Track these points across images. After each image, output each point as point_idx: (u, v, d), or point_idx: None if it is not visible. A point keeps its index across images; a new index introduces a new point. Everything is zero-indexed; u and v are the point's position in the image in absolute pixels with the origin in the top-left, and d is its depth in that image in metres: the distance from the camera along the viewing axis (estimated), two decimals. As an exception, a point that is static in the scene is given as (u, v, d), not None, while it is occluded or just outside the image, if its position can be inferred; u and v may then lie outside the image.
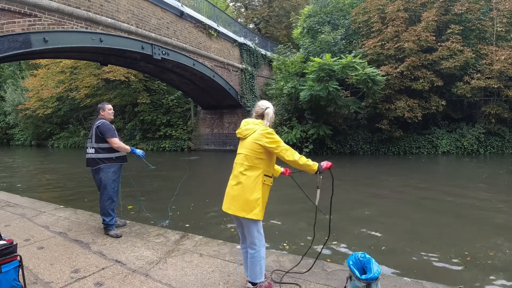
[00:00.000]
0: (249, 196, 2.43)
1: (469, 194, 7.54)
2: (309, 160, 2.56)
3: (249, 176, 2.46)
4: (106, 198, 4.02)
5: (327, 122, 15.88)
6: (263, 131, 2.48)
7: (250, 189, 2.44)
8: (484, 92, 15.56)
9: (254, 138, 2.48)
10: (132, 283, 2.83)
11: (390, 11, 15.51)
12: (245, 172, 2.47)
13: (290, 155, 2.46)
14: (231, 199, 2.51)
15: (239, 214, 2.46)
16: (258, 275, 2.54)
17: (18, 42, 7.34)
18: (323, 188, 2.77)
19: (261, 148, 2.46)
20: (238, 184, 2.48)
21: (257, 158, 2.47)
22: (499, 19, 14.69)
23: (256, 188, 2.44)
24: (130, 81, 21.88)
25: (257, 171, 2.47)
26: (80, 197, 7.96)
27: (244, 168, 2.48)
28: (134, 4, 10.61)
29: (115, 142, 3.99)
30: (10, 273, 2.51)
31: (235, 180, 2.53)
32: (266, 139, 2.44)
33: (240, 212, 2.45)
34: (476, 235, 5.01)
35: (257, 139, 2.47)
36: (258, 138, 2.46)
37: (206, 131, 20.96)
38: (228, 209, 2.53)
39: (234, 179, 2.55)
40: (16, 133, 34.70)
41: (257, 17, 32.20)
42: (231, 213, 2.50)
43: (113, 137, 3.99)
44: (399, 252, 4.40)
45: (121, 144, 4.07)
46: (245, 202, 2.43)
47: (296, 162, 2.49)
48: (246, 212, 2.43)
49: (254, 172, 2.46)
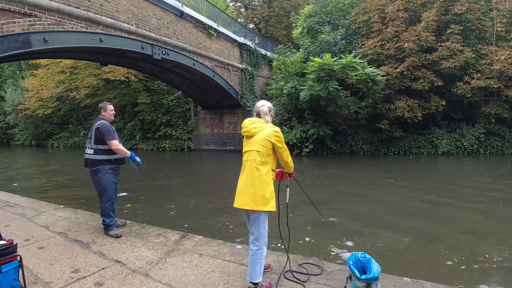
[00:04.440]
0: (266, 190, 2.54)
1: (469, 194, 7.54)
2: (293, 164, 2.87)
3: (263, 171, 2.58)
4: (107, 199, 4.01)
5: (327, 122, 15.88)
6: (274, 129, 2.65)
7: (265, 183, 2.56)
8: (484, 92, 15.55)
9: (266, 135, 2.62)
10: (132, 283, 2.83)
11: (390, 11, 15.51)
12: (259, 168, 2.58)
13: (287, 155, 2.73)
14: (247, 195, 2.56)
15: (258, 209, 2.53)
16: (257, 274, 2.57)
17: (18, 42, 7.34)
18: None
19: (271, 144, 2.62)
20: (254, 180, 2.56)
21: (268, 154, 2.62)
22: (499, 19, 14.68)
23: (270, 182, 2.60)
24: (130, 81, 21.88)
25: (268, 166, 2.62)
26: (80, 197, 7.96)
27: (257, 164, 2.59)
28: (134, 4, 10.61)
29: (115, 144, 3.93)
30: (10, 273, 2.51)
31: (250, 177, 2.59)
32: (275, 137, 2.62)
33: (258, 206, 2.53)
34: (476, 235, 5.01)
35: (269, 136, 2.61)
36: (270, 136, 2.61)
37: (206, 131, 20.96)
38: (244, 205, 2.57)
39: (248, 175, 2.61)
40: (16, 133, 34.68)
41: (257, 17, 32.20)
42: (249, 209, 2.55)
43: (113, 139, 3.93)
44: (399, 252, 4.40)
45: (121, 147, 4.00)
46: (262, 196, 2.53)
47: (288, 163, 2.77)
48: (264, 206, 2.53)
49: (266, 167, 2.61)
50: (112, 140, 3.92)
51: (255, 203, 2.53)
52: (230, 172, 11.52)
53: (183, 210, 6.70)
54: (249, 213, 2.63)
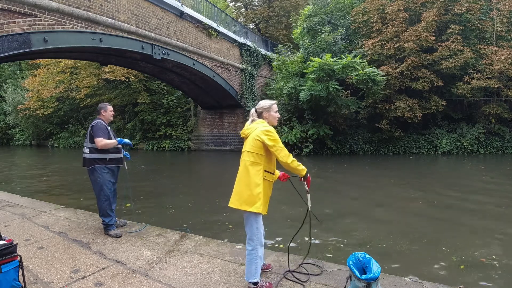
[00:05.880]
0: (252, 190, 2.54)
1: (469, 194, 7.54)
2: (300, 165, 2.64)
3: (251, 171, 2.58)
4: (104, 199, 4.01)
5: (327, 122, 15.88)
6: (263, 128, 2.62)
7: (252, 184, 2.55)
8: (484, 92, 15.55)
9: (255, 135, 2.62)
10: (132, 283, 2.83)
11: (390, 11, 15.51)
12: (248, 167, 2.59)
13: (284, 155, 2.55)
14: (235, 194, 2.63)
15: (242, 208, 2.56)
16: (253, 274, 2.59)
17: (18, 42, 7.33)
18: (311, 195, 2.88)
19: (261, 144, 2.58)
20: (242, 179, 2.61)
21: (258, 154, 2.60)
22: (499, 19, 14.68)
23: (258, 182, 2.56)
24: (130, 81, 21.88)
25: (258, 166, 2.59)
26: (80, 197, 7.96)
27: (247, 164, 2.60)
28: (134, 4, 10.61)
29: (98, 141, 3.85)
30: (10, 273, 2.51)
31: (239, 176, 2.65)
32: (265, 136, 2.56)
33: (243, 205, 2.55)
34: (477, 235, 5.01)
35: (257, 135, 2.60)
36: (259, 135, 2.59)
37: (206, 131, 20.96)
38: (231, 204, 2.63)
39: (239, 175, 2.66)
40: (16, 133, 34.68)
41: (257, 17, 32.20)
42: (235, 207, 2.59)
43: (98, 137, 3.86)
44: (399, 252, 4.40)
45: (105, 141, 3.89)
46: (248, 196, 2.54)
47: (288, 164, 2.57)
48: (248, 206, 2.53)
49: (255, 167, 2.59)
50: (97, 138, 3.87)
51: (240, 202, 2.56)
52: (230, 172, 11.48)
53: (183, 210, 6.70)
54: (242, 212, 2.65)
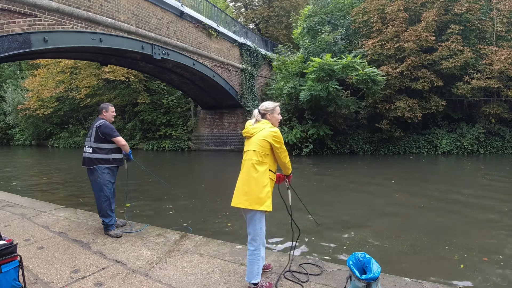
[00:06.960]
0: (261, 190, 2.55)
1: (469, 195, 7.54)
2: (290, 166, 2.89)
3: (259, 170, 2.59)
4: (104, 199, 4.01)
5: (327, 122, 15.88)
6: (271, 129, 2.68)
7: (261, 183, 2.57)
8: (484, 92, 15.55)
9: (264, 135, 2.64)
10: (132, 283, 2.83)
11: (390, 11, 15.51)
12: (256, 167, 2.60)
13: (285, 156, 2.74)
14: (243, 194, 2.59)
15: (252, 208, 2.54)
16: (255, 275, 2.58)
17: (18, 42, 7.33)
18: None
19: (269, 144, 2.64)
20: (250, 179, 2.59)
21: (265, 154, 2.63)
22: (499, 19, 14.68)
23: (266, 182, 2.59)
24: (130, 81, 21.88)
25: (265, 166, 2.63)
26: (80, 197, 7.96)
27: (254, 163, 2.61)
28: (134, 4, 10.61)
29: (121, 140, 4.07)
30: (10, 273, 2.51)
31: (246, 176, 2.62)
32: (273, 137, 2.64)
33: (253, 205, 2.54)
34: (477, 235, 5.01)
35: (266, 136, 2.64)
36: (268, 136, 2.63)
37: (206, 131, 20.96)
38: (239, 204, 2.59)
39: (245, 174, 2.64)
40: (16, 133, 34.69)
41: (257, 17, 32.20)
42: (244, 207, 2.57)
43: (118, 136, 4.07)
44: (399, 252, 4.39)
45: (126, 142, 4.16)
46: (257, 196, 2.54)
47: (286, 164, 2.79)
48: (259, 205, 2.53)
49: (262, 167, 2.61)
50: (117, 137, 4.04)
51: (250, 202, 2.54)
52: (230, 172, 11.52)
53: (183, 210, 6.70)
54: (246, 212, 2.64)
